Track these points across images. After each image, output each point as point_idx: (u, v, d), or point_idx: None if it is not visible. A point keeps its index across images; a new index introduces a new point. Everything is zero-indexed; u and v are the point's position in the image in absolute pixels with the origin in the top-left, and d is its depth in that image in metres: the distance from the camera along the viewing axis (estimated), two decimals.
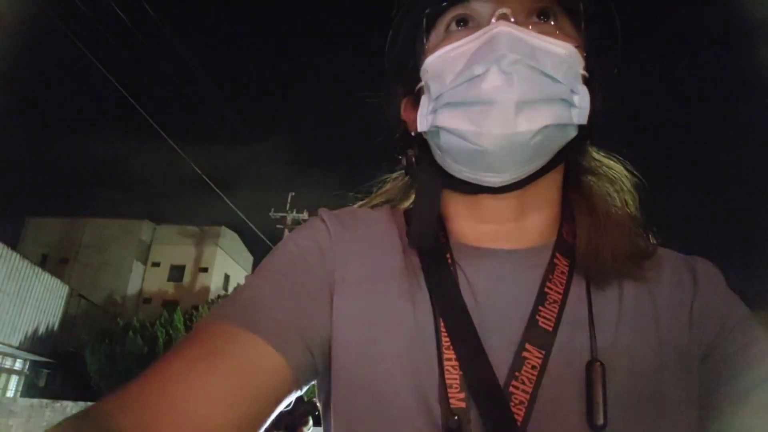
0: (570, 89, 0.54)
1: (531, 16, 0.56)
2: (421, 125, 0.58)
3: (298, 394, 0.53)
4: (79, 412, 0.43)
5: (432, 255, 0.58)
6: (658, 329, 0.54)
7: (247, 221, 14.79)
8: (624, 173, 0.65)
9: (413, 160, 0.63)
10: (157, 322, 13.69)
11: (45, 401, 11.16)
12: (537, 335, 0.52)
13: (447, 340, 0.52)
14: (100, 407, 0.43)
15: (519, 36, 0.52)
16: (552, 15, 0.56)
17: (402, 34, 0.61)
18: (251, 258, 26.10)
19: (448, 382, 0.50)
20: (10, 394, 14.25)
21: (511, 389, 0.50)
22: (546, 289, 0.55)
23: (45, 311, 14.31)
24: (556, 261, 0.57)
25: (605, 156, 0.65)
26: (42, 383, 15.86)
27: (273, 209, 17.21)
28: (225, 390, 0.46)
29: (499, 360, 0.51)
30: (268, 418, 0.49)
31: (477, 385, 0.50)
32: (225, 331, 0.50)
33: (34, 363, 15.17)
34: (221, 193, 13.10)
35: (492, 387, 0.49)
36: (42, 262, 18.51)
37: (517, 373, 0.50)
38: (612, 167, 0.65)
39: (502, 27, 0.52)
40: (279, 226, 16.92)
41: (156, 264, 22.89)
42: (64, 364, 15.30)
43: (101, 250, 21.45)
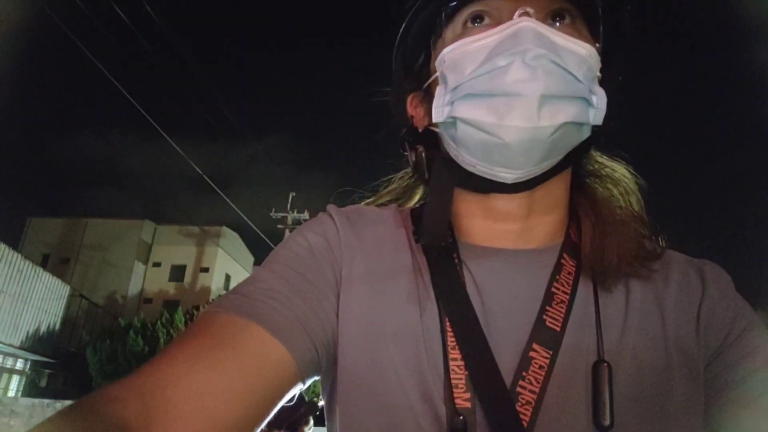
0: (589, 89, 0.54)
1: (549, 16, 0.56)
2: (437, 116, 0.57)
3: (301, 388, 0.53)
4: (85, 397, 0.42)
5: (439, 254, 0.58)
6: (664, 330, 0.54)
7: (248, 221, 14.78)
8: (627, 175, 0.65)
9: (422, 156, 0.63)
10: (158, 322, 13.65)
11: (46, 401, 11.13)
12: (544, 335, 0.52)
13: (453, 339, 0.52)
14: (105, 394, 0.42)
15: (543, 32, 0.52)
16: (569, 16, 0.56)
17: (415, 28, 0.61)
18: (252, 258, 26.05)
19: (453, 381, 0.50)
20: (11, 393, 14.22)
21: (519, 389, 0.50)
22: (553, 290, 0.55)
23: (46, 311, 14.28)
24: (563, 262, 0.57)
25: (608, 159, 0.65)
26: (43, 383, 15.85)
27: (274, 209, 17.20)
28: (230, 381, 0.46)
29: (506, 360, 0.51)
30: (271, 410, 0.49)
31: (483, 386, 0.50)
32: (232, 322, 0.50)
33: (35, 363, 15.15)
34: (222, 193, 13.08)
35: (498, 387, 0.49)
36: (43, 262, 18.46)
37: (525, 373, 0.50)
38: (616, 169, 0.65)
39: (526, 22, 0.52)
40: (279, 226, 16.92)
41: (157, 264, 22.83)
42: (65, 364, 15.28)
43: (102, 250, 21.41)
